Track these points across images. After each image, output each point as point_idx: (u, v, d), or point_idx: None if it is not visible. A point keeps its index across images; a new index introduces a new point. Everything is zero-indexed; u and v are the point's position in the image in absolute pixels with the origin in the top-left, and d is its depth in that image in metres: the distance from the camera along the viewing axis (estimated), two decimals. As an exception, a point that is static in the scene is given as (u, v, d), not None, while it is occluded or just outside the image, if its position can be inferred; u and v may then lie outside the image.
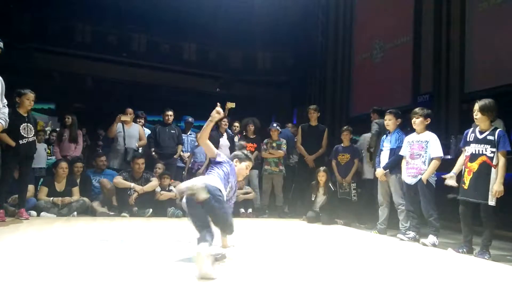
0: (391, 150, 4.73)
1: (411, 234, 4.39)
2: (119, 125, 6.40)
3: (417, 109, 4.46)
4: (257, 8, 11.82)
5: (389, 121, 4.81)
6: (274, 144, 6.35)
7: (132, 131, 6.51)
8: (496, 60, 6.29)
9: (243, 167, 3.23)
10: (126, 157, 6.31)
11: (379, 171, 4.79)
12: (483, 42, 6.56)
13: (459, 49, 6.92)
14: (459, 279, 2.84)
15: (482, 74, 6.51)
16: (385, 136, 4.93)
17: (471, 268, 3.24)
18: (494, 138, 3.60)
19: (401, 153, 4.54)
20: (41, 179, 6.00)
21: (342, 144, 6.04)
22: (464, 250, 3.76)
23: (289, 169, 6.73)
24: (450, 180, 3.86)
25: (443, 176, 3.97)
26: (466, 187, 3.71)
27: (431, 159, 4.23)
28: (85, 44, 11.96)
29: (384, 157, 4.81)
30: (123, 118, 6.41)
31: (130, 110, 6.60)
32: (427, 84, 7.48)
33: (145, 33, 12.86)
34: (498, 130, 3.65)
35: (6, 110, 4.04)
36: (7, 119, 4.03)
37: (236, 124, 7.13)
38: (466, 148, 3.79)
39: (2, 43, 3.52)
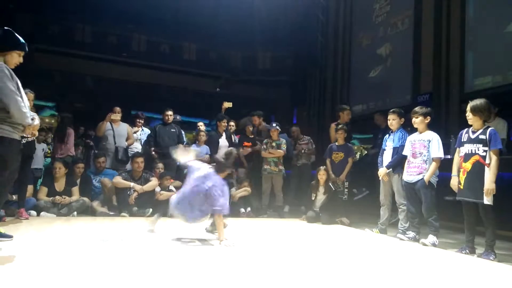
0: (394, 149, 4.72)
1: (411, 234, 4.38)
2: (108, 124, 6.38)
3: (416, 108, 4.47)
4: (257, 8, 11.81)
5: (393, 121, 4.81)
6: (274, 144, 6.36)
7: (121, 130, 6.49)
8: (497, 60, 6.28)
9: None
10: (117, 156, 6.28)
11: (382, 171, 4.78)
12: (483, 42, 6.55)
13: (459, 49, 6.92)
14: (458, 279, 2.84)
15: (482, 74, 6.50)
16: (387, 135, 4.92)
17: (471, 268, 3.23)
18: (486, 137, 3.58)
19: (403, 153, 4.53)
20: (40, 179, 5.99)
21: (336, 143, 6.05)
22: (467, 251, 3.75)
23: (296, 169, 6.66)
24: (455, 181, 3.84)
25: (451, 185, 3.88)
26: (461, 187, 3.72)
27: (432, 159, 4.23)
28: (85, 44, 11.97)
29: (387, 157, 4.80)
30: (113, 117, 6.38)
31: (118, 109, 6.53)
32: (427, 84, 7.47)
33: (145, 33, 12.86)
34: (489, 129, 3.61)
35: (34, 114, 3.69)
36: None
37: (232, 123, 7.08)
38: (461, 148, 3.79)
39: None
